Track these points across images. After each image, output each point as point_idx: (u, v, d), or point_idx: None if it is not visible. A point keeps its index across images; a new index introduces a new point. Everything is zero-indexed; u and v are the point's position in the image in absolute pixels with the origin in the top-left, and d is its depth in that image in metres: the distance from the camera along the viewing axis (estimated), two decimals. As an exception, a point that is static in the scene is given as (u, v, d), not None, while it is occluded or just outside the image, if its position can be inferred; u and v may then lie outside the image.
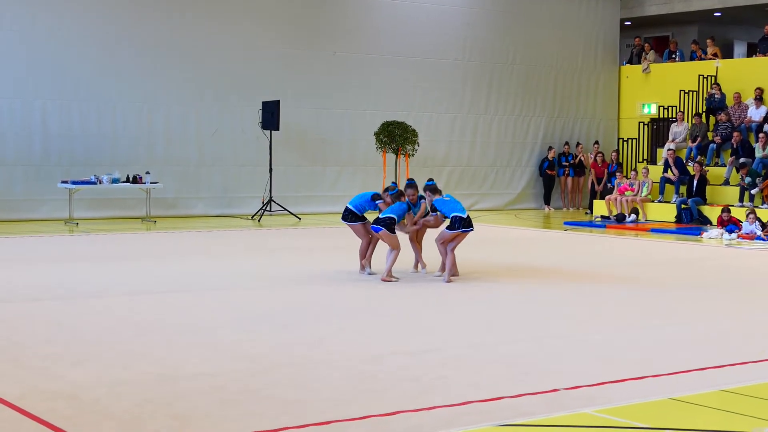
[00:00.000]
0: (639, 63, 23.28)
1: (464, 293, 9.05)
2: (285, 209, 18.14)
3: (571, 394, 5.34)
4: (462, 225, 9.58)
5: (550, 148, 22.39)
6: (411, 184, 10.21)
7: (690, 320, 7.83)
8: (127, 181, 16.73)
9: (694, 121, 20.46)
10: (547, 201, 22.36)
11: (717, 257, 12.74)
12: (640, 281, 10.05)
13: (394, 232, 9.74)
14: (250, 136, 18.77)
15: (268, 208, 17.98)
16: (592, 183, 21.47)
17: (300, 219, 17.95)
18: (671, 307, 8.44)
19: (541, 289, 9.33)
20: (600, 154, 21.67)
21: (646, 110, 22.97)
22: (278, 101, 17.78)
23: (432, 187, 9.98)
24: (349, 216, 10.05)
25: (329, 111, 19.79)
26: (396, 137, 18.86)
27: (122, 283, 9.37)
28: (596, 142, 22.57)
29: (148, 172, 16.92)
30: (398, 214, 9.79)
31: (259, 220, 17.59)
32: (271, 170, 18.13)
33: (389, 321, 7.60)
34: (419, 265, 10.32)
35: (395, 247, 9.68)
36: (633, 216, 18.21)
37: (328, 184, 19.90)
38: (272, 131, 17.98)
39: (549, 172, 22.27)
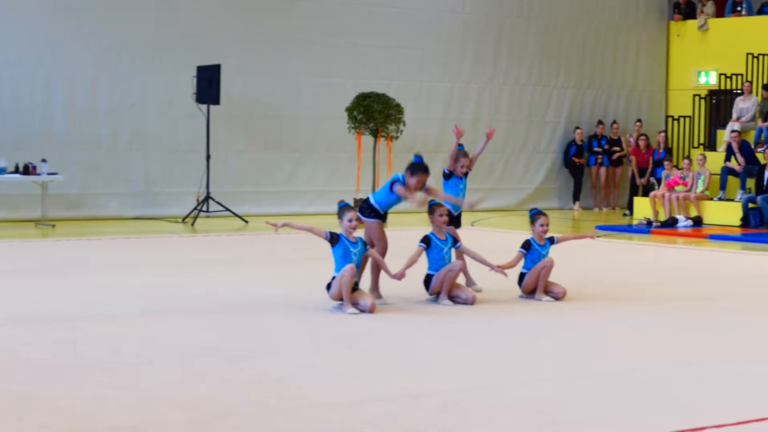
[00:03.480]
0: (694, 17, 23.39)
1: (471, 320, 9.06)
2: (227, 209, 18.10)
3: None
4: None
5: (578, 128, 22.46)
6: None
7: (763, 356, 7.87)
8: (16, 171, 16.68)
9: (765, 95, 20.59)
10: (574, 198, 22.43)
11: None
12: (692, 303, 10.11)
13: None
14: (180, 111, 18.71)
15: (204, 208, 17.94)
16: (633, 175, 21.55)
17: (247, 222, 17.92)
18: (736, 337, 8.48)
19: (569, 313, 9.36)
20: (643, 137, 21.75)
21: (702, 79, 23.08)
22: (218, 66, 17.75)
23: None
24: (368, 210, 9.90)
25: (285, 79, 19.76)
26: (374, 114, 18.85)
27: (11, 308, 9.31)
28: (638, 121, 22.66)
29: (44, 160, 16.84)
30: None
31: (192, 224, 17.55)
32: (208, 157, 18.08)
33: (371, 356, 7.59)
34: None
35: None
36: (689, 221, 18.26)
37: (283, 177, 19.88)
38: (210, 105, 17.93)
39: (576, 161, 22.33)
